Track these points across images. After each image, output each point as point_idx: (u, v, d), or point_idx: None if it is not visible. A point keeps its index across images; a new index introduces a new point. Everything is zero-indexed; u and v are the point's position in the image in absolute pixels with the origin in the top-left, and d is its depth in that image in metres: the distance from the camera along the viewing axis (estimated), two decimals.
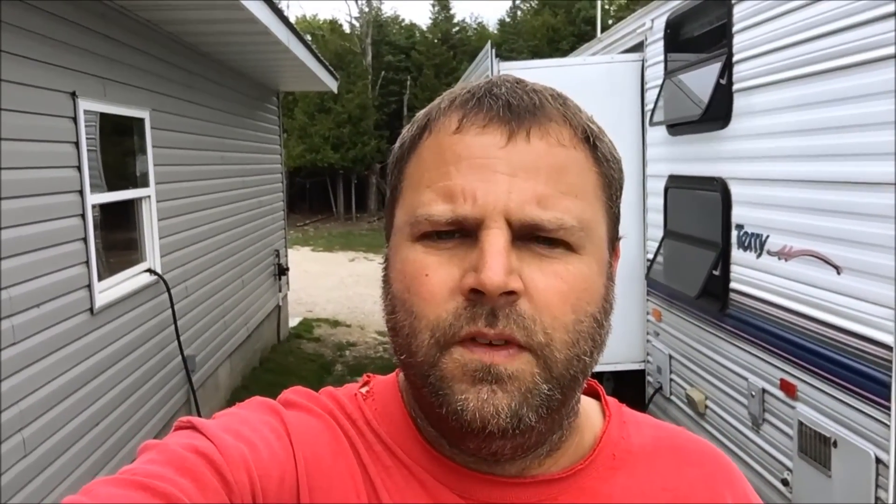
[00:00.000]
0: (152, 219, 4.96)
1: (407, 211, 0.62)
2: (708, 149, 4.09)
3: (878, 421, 2.68)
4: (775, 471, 3.42)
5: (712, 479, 0.71)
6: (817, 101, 3.06)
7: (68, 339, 3.71)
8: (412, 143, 0.64)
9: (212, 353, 6.28)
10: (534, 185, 0.58)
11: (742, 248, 3.70)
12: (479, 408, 0.56)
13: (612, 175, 0.64)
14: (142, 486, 0.53)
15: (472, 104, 0.61)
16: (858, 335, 2.80)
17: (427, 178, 0.61)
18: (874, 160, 2.69)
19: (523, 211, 0.57)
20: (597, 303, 0.61)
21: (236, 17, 4.86)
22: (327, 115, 27.76)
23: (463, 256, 0.58)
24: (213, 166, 6.47)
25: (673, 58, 4.65)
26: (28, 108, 3.39)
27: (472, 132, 0.60)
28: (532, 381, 0.57)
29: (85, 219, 3.90)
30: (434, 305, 0.58)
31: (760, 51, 3.49)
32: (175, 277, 5.33)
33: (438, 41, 32.39)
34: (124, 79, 4.50)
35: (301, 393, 0.70)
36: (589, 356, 0.60)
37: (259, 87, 8.41)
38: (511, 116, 0.59)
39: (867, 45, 2.72)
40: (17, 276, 3.26)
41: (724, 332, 3.93)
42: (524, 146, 0.59)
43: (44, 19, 3.55)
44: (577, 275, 0.59)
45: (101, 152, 4.25)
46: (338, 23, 34.85)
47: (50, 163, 3.61)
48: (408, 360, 0.60)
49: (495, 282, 0.54)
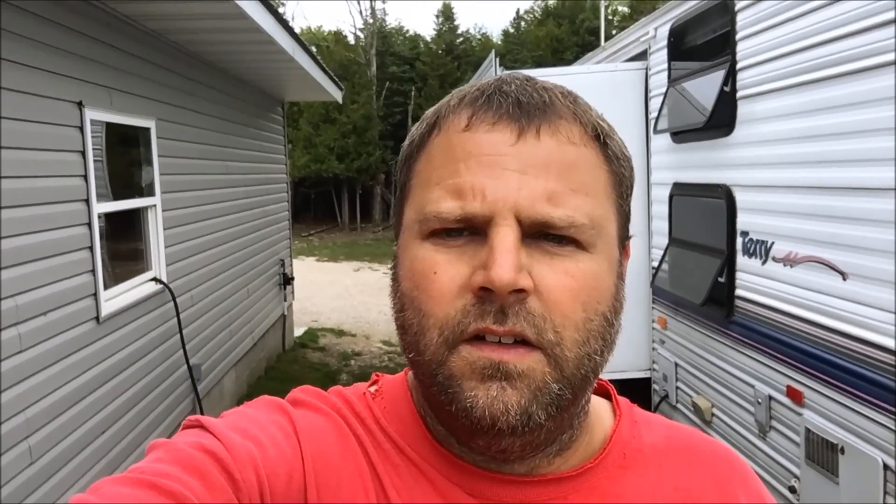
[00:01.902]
0: (158, 228, 4.98)
1: (416, 208, 0.61)
2: (712, 156, 4.09)
3: (886, 427, 2.66)
4: (782, 478, 3.40)
5: (725, 479, 0.70)
6: (820, 108, 3.06)
7: (74, 348, 3.72)
8: (421, 140, 0.64)
9: (217, 362, 6.28)
10: (544, 182, 0.57)
11: (747, 255, 3.70)
12: (489, 405, 0.55)
13: (622, 173, 0.64)
14: (150, 484, 0.53)
15: (482, 102, 0.61)
16: (865, 341, 2.79)
17: (436, 176, 0.60)
18: (878, 166, 2.69)
19: (533, 208, 0.57)
20: (607, 301, 0.60)
21: (241, 26, 4.89)
22: (332, 125, 27.84)
23: (472, 254, 0.57)
24: (218, 176, 6.50)
25: (677, 66, 4.66)
26: (35, 117, 3.41)
27: (482, 129, 0.59)
28: (542, 380, 0.56)
29: (91, 227, 3.91)
30: (443, 303, 0.57)
31: (763, 58, 3.50)
32: (181, 286, 5.34)
33: (443, 52, 32.52)
34: (130, 88, 4.53)
35: (309, 392, 0.69)
36: (599, 355, 0.59)
37: (264, 96, 8.44)
38: (521, 114, 0.59)
39: (868, 52, 2.72)
40: (24, 285, 3.27)
41: (729, 339, 3.92)
42: (534, 143, 0.58)
43: (50, 29, 3.57)
44: (588, 272, 0.58)
45: (108, 161, 4.27)
46: (342, 34, 35.01)
47: (56, 172, 3.63)
48: (416, 359, 0.60)
49: (504, 279, 0.54)
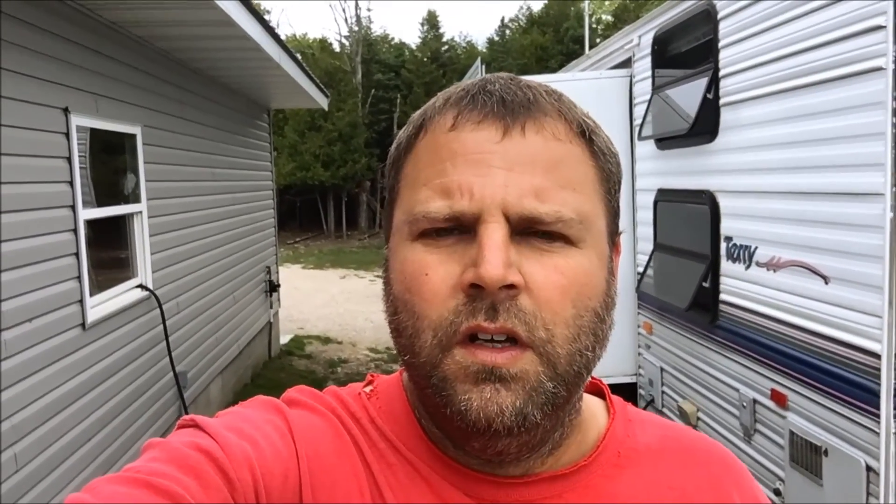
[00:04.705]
0: (144, 234, 4.96)
1: (405, 210, 0.62)
2: (696, 162, 4.13)
3: (868, 429, 2.70)
4: (767, 481, 3.43)
5: (719, 478, 0.70)
6: (802, 114, 3.10)
7: (60, 354, 3.70)
8: (408, 143, 0.64)
9: (203, 370, 6.25)
10: (530, 178, 0.57)
11: (731, 260, 3.73)
12: (483, 407, 0.56)
13: (609, 169, 0.64)
14: (145, 483, 0.53)
15: (467, 101, 0.61)
16: (847, 344, 2.82)
17: (423, 177, 0.60)
18: (860, 171, 2.73)
19: (521, 204, 0.57)
20: (598, 297, 0.60)
21: (228, 33, 4.89)
22: (318, 132, 27.76)
23: (462, 253, 0.57)
24: (204, 182, 6.48)
25: (660, 73, 4.70)
26: (20, 122, 3.40)
27: (468, 129, 0.59)
28: (537, 380, 0.57)
29: (77, 234, 3.89)
30: (435, 305, 0.57)
31: (746, 65, 3.54)
32: (167, 293, 5.31)
33: (428, 59, 32.56)
34: (116, 95, 4.51)
35: (304, 391, 0.69)
36: (591, 351, 0.59)
37: (250, 104, 8.43)
38: (506, 112, 0.59)
39: (851, 59, 2.77)
40: (10, 291, 3.25)
41: (714, 343, 3.96)
42: (520, 140, 0.58)
43: (36, 35, 3.56)
44: (578, 268, 0.58)
45: (93, 168, 4.25)
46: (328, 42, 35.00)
47: (42, 177, 3.61)
48: (411, 361, 0.60)
49: (494, 275, 0.54)
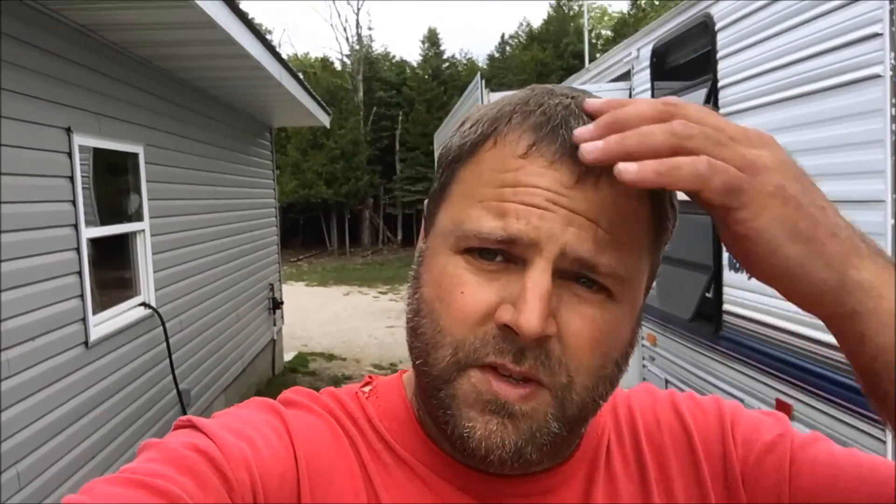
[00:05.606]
0: (146, 253, 4.97)
1: (454, 220, 0.60)
2: None
3: (875, 437, 2.68)
4: None
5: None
6: (802, 123, 3.10)
7: (63, 373, 3.70)
8: (472, 147, 0.61)
9: (207, 387, 6.24)
10: (595, 228, 0.55)
11: (734, 270, 3.72)
12: (486, 437, 0.56)
13: (667, 227, 0.63)
14: (142, 484, 0.52)
15: (546, 132, 0.57)
16: None
17: (481, 193, 0.58)
18: (859, 179, 2.73)
19: (581, 248, 0.55)
20: (622, 348, 0.60)
21: (230, 52, 4.93)
22: (320, 150, 27.93)
23: (504, 283, 0.56)
24: (206, 201, 6.50)
25: (660, 85, 4.72)
26: (23, 142, 3.42)
27: (540, 163, 0.56)
28: (544, 419, 0.57)
29: (80, 252, 3.91)
30: (463, 326, 0.57)
31: (745, 75, 3.55)
32: (169, 311, 5.32)
33: (429, 77, 32.82)
34: (118, 114, 4.54)
35: (301, 392, 0.69)
36: (603, 399, 0.60)
37: (252, 122, 8.48)
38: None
39: (849, 67, 2.77)
40: (13, 309, 3.25)
41: (718, 354, 3.94)
42: (592, 189, 0.56)
43: (39, 55, 3.60)
44: (612, 322, 0.58)
45: (96, 187, 4.28)
46: (329, 60, 35.27)
47: (45, 197, 3.64)
48: (424, 369, 0.60)
49: (532, 328, 0.53)
